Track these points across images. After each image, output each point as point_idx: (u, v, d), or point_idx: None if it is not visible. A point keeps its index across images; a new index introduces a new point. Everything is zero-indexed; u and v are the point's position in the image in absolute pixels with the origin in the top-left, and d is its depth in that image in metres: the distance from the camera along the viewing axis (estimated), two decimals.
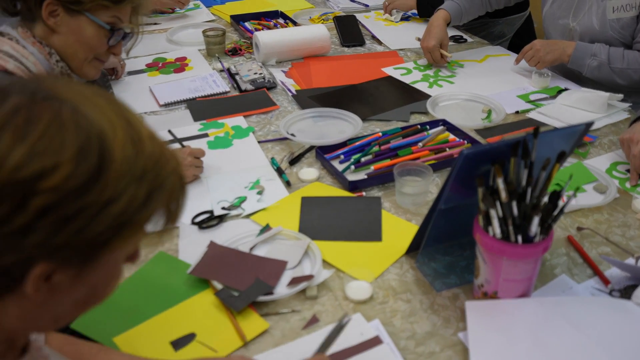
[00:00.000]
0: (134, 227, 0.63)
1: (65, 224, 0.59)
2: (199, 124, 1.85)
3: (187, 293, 1.23)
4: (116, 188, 0.61)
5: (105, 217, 0.60)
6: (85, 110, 0.61)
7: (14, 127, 0.57)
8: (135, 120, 0.66)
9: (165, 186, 0.66)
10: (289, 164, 1.63)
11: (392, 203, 1.48)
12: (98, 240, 0.61)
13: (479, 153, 1.05)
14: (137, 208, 0.63)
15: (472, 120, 1.83)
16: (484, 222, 1.09)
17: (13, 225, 0.57)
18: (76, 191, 0.58)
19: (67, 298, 0.66)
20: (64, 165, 0.58)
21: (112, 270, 0.69)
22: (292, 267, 1.27)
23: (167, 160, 0.67)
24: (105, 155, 0.60)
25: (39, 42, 1.39)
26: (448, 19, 2.20)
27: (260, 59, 2.25)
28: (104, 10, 1.39)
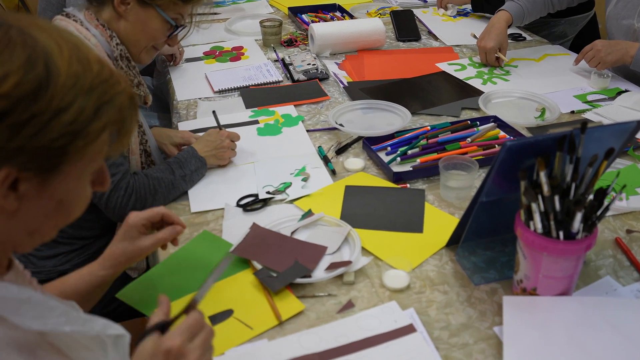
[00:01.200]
0: (87, 137, 0.70)
1: (20, 129, 0.65)
2: (250, 111, 1.89)
3: (227, 271, 1.26)
4: (64, 98, 0.67)
5: (56, 124, 0.67)
6: (32, 32, 0.68)
7: None
8: (85, 46, 0.73)
9: (114, 102, 0.73)
10: (335, 154, 1.65)
11: (436, 196, 1.47)
12: (53, 146, 0.68)
13: (523, 145, 1.04)
14: (87, 119, 0.70)
15: (524, 118, 1.80)
16: (525, 216, 1.07)
17: None
18: (26, 98, 0.65)
19: (36, 211, 0.72)
20: (13, 74, 0.65)
21: (76, 186, 0.75)
22: (331, 253, 1.28)
23: (116, 81, 0.74)
24: (51, 67, 0.67)
25: (102, 25, 1.46)
26: (510, 20, 2.15)
27: (315, 51, 2.28)
28: (173, 6, 1.48)
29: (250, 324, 1.14)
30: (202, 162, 1.52)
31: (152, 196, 1.41)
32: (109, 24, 1.48)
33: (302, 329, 1.11)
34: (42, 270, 1.51)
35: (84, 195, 0.77)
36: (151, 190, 1.40)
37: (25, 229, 0.74)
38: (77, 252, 1.56)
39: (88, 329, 0.79)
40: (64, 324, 0.76)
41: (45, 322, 0.74)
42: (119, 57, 1.47)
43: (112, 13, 1.48)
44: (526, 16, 2.20)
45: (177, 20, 1.52)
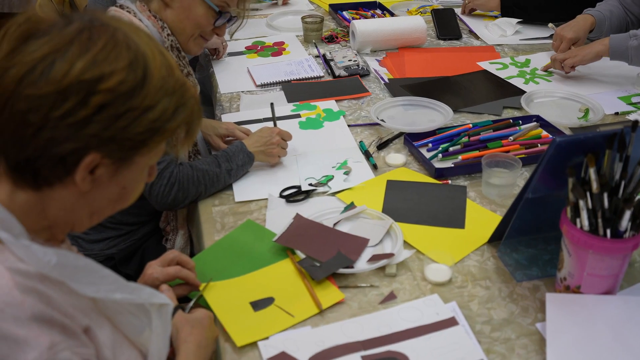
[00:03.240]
0: (163, 134, 0.80)
1: (115, 121, 0.74)
2: (292, 105, 1.91)
3: (270, 259, 1.28)
4: (154, 98, 0.77)
5: (144, 120, 0.77)
6: (133, 37, 0.78)
7: (79, 42, 0.73)
8: (168, 54, 0.83)
9: (188, 105, 0.82)
10: (376, 149, 1.66)
11: (478, 193, 1.47)
12: (137, 139, 0.77)
13: (572, 142, 1.04)
14: (167, 118, 0.79)
15: (567, 119, 1.79)
16: (572, 213, 1.07)
17: (76, 117, 0.72)
18: (125, 95, 0.75)
19: (104, 194, 0.81)
20: (118, 72, 0.74)
21: (140, 175, 0.84)
22: (373, 245, 1.30)
23: (189, 87, 0.84)
24: (147, 70, 0.77)
25: (154, 15, 1.50)
26: (594, 23, 2.12)
27: (356, 47, 2.29)
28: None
29: (291, 311, 1.16)
30: (250, 158, 1.53)
31: (194, 187, 1.42)
32: (158, 13, 1.51)
33: (345, 318, 1.13)
34: (89, 254, 1.55)
35: (141, 184, 0.86)
36: (194, 182, 1.42)
37: (89, 209, 0.82)
38: (123, 238, 1.60)
39: (136, 297, 0.86)
40: (115, 291, 0.83)
41: (98, 289, 0.81)
42: (170, 48, 1.51)
43: (159, 2, 1.51)
44: (606, 25, 2.13)
45: (222, 7, 1.53)
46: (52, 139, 0.72)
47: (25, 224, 0.77)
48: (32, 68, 0.71)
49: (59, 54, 0.72)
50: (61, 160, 0.74)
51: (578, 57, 1.97)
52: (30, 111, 0.71)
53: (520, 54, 2.28)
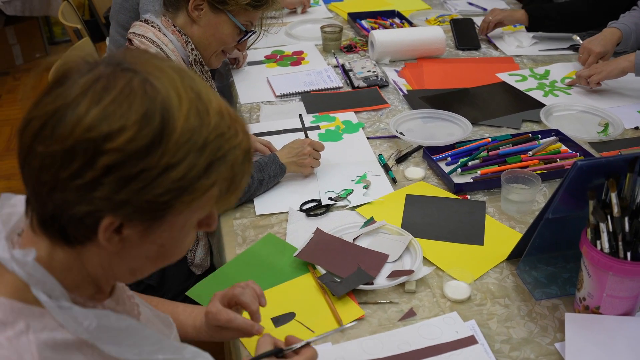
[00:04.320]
0: (194, 193, 0.69)
1: (128, 183, 0.65)
2: (312, 116, 1.93)
3: (290, 274, 1.30)
4: (176, 155, 0.66)
5: (164, 180, 0.66)
6: (154, 81, 0.67)
7: (93, 93, 0.65)
8: (207, 94, 0.71)
9: (228, 159, 0.71)
10: (395, 162, 1.67)
11: (497, 209, 1.48)
12: (159, 201, 0.67)
13: (593, 165, 1.05)
14: (197, 176, 0.68)
15: (587, 133, 1.79)
16: (592, 235, 1.08)
17: (83, 179, 0.65)
18: (138, 153, 0.65)
19: (139, 252, 0.73)
20: (128, 129, 0.64)
21: (180, 233, 0.74)
22: (392, 261, 1.31)
23: (234, 134, 0.72)
24: (167, 122, 0.66)
25: (178, 31, 1.53)
26: (620, 37, 2.12)
27: (375, 57, 2.30)
28: (243, 12, 1.54)
29: (311, 327, 1.18)
30: (282, 169, 1.54)
31: None
32: (183, 28, 1.54)
33: (365, 334, 1.14)
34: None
35: (188, 240, 0.77)
36: None
37: (127, 266, 0.76)
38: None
39: (179, 357, 0.81)
40: (157, 352, 0.78)
41: (140, 351, 0.76)
42: (194, 62, 1.54)
43: (186, 18, 1.55)
44: (633, 38, 2.13)
45: (247, 26, 1.58)
46: (64, 200, 0.66)
47: (67, 281, 0.73)
48: (44, 123, 0.65)
49: (70, 108, 0.65)
50: (80, 221, 0.68)
51: (603, 73, 1.97)
52: (42, 170, 0.66)
53: (540, 65, 2.28)
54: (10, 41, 4.65)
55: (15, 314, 0.69)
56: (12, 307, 0.69)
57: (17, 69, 4.69)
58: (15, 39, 4.66)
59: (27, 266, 0.70)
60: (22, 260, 0.70)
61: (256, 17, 1.58)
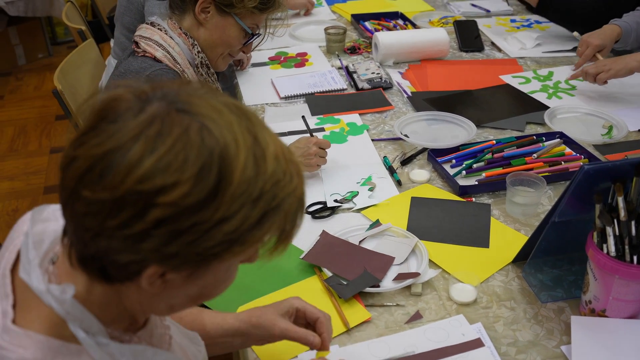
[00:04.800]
0: (244, 244, 0.65)
1: (178, 236, 0.62)
2: (316, 118, 1.93)
3: (296, 277, 1.31)
4: (230, 208, 0.63)
5: (216, 234, 0.63)
6: (213, 127, 0.63)
7: (146, 138, 0.61)
8: (264, 137, 0.67)
9: (282, 208, 0.66)
10: (400, 164, 1.68)
11: (502, 211, 1.49)
12: (207, 253, 0.64)
13: (599, 169, 1.05)
14: (249, 227, 0.64)
15: (591, 135, 1.80)
16: (598, 238, 1.08)
17: (132, 230, 0.61)
18: (191, 208, 0.61)
19: (180, 293, 0.72)
20: (183, 184, 0.60)
21: (224, 275, 0.73)
22: (398, 263, 1.32)
23: (289, 180, 0.67)
24: (224, 176, 0.62)
25: (185, 33, 1.54)
26: (620, 34, 2.12)
27: (379, 59, 2.31)
28: (250, 16, 1.54)
29: None
30: None
31: None
32: (190, 31, 1.55)
33: (371, 337, 1.15)
34: None
35: (229, 279, 0.75)
36: None
37: (166, 304, 0.74)
38: None
39: None
40: None
41: None
42: (200, 65, 1.55)
43: (192, 21, 1.55)
44: (633, 36, 2.14)
45: (253, 29, 1.58)
46: (109, 247, 0.63)
47: (104, 316, 0.72)
48: (91, 166, 0.61)
49: (121, 153, 0.61)
50: (124, 266, 0.65)
51: (612, 71, 1.96)
52: (87, 215, 0.62)
53: (543, 66, 2.29)
54: (12, 41, 4.66)
55: (53, 353, 0.67)
56: (50, 346, 0.67)
57: (20, 69, 4.69)
58: (17, 39, 4.67)
59: (66, 304, 0.68)
60: (60, 298, 0.68)
61: (262, 20, 1.59)
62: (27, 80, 4.54)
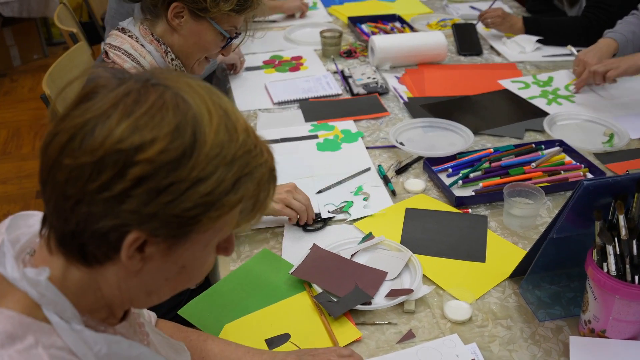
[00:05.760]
0: (221, 209, 0.68)
1: (157, 195, 0.64)
2: (310, 124, 1.89)
3: (286, 292, 1.26)
4: (205, 168, 0.65)
5: (193, 194, 0.65)
6: (186, 96, 0.67)
7: (124, 106, 0.64)
8: (234, 113, 0.71)
9: (255, 176, 0.70)
10: (395, 173, 1.63)
11: (499, 223, 1.44)
12: (186, 215, 0.66)
13: (600, 186, 1.01)
14: (225, 191, 0.67)
15: (591, 143, 1.75)
16: (598, 257, 1.04)
17: (113, 191, 0.63)
18: (169, 165, 0.64)
19: (159, 273, 0.72)
20: (160, 140, 0.63)
21: (201, 254, 0.73)
22: (391, 279, 1.27)
23: (260, 152, 0.71)
24: (198, 136, 0.65)
25: (157, 40, 1.44)
26: (616, 49, 2.07)
27: (375, 63, 2.26)
28: (226, 18, 1.44)
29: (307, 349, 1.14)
30: None
31: None
32: (163, 37, 1.45)
33: (363, 357, 1.10)
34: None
35: (208, 262, 0.76)
36: None
37: (144, 288, 0.74)
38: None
39: None
40: None
41: None
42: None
43: (165, 26, 1.45)
44: (630, 48, 2.09)
45: (231, 31, 1.49)
46: (90, 214, 0.65)
47: (81, 303, 0.71)
48: (72, 136, 0.64)
49: (100, 120, 0.64)
50: (104, 237, 0.66)
51: (620, 69, 1.91)
52: (68, 183, 0.64)
53: (543, 71, 2.24)
54: (7, 42, 4.61)
55: (24, 328, 0.67)
56: (22, 321, 0.67)
57: (15, 70, 4.65)
58: (12, 40, 4.63)
59: (40, 286, 0.68)
60: (35, 280, 0.68)
61: (240, 22, 1.49)
62: (21, 81, 4.50)
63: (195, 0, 1.38)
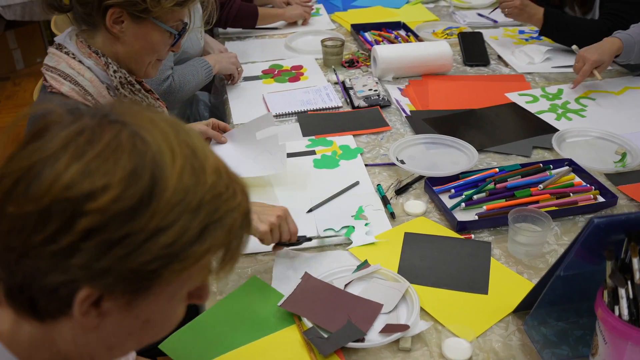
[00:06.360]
0: (185, 261, 0.61)
1: (110, 248, 0.58)
2: (307, 139, 1.81)
3: (274, 326, 1.18)
4: (166, 217, 0.59)
5: (152, 245, 0.59)
6: (145, 134, 0.60)
7: (75, 147, 0.58)
8: (203, 151, 0.64)
9: (225, 222, 0.63)
10: (395, 193, 1.55)
11: (503, 250, 1.36)
12: (145, 270, 0.59)
13: (611, 223, 0.92)
14: (189, 241, 0.60)
15: (602, 163, 1.66)
16: (609, 299, 0.96)
17: (59, 244, 0.57)
18: (123, 215, 0.57)
19: (120, 328, 0.65)
20: (113, 187, 0.57)
21: (167, 307, 0.66)
22: (387, 312, 1.19)
23: (232, 195, 0.64)
24: (157, 181, 0.59)
25: (96, 52, 1.32)
26: (620, 47, 1.99)
27: (377, 74, 2.18)
28: (170, 14, 1.33)
29: None
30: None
31: None
32: (105, 48, 1.33)
33: None
34: None
35: (176, 314, 0.69)
36: None
37: (105, 344, 0.67)
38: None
39: None
40: None
41: None
42: (120, 86, 1.35)
43: (106, 35, 1.32)
44: (636, 49, 2.00)
45: (177, 26, 1.38)
46: (36, 268, 0.58)
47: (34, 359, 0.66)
48: (17, 180, 0.58)
49: (48, 163, 0.57)
50: (53, 292, 0.60)
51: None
52: (12, 233, 0.58)
53: (552, 83, 2.15)
54: (10, 46, 4.57)
55: None
56: None
57: (18, 73, 4.61)
58: (15, 43, 4.58)
59: None
60: None
61: (185, 14, 1.39)
62: (24, 85, 4.45)
63: (133, 2, 1.27)
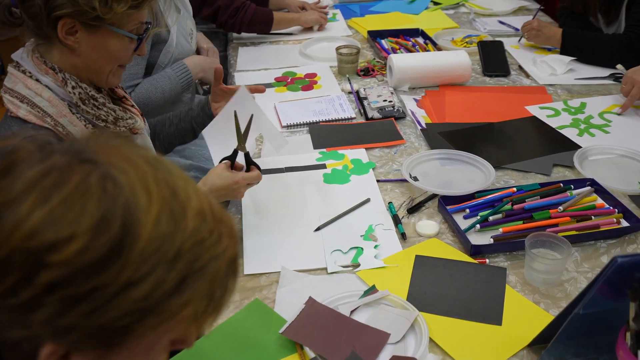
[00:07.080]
0: (161, 315, 0.56)
1: (75, 304, 0.53)
2: (318, 152, 1.75)
3: (275, 354, 1.13)
4: (139, 269, 0.54)
5: (123, 300, 0.53)
6: (118, 176, 0.55)
7: (40, 190, 0.53)
8: (186, 191, 0.58)
9: (207, 271, 0.58)
10: (407, 212, 1.49)
11: (520, 277, 1.29)
12: (115, 325, 0.54)
13: (636, 263, 0.86)
14: (165, 294, 0.55)
15: (626, 183, 1.58)
16: (632, 342, 0.89)
17: (19, 298, 0.52)
18: (90, 268, 0.52)
19: None
20: (78, 238, 0.52)
21: (145, 358, 0.60)
22: (394, 342, 1.13)
23: (217, 240, 0.59)
24: (129, 229, 0.54)
25: (52, 68, 1.25)
26: None
27: (393, 84, 2.12)
28: (127, 18, 1.25)
29: None
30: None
31: None
32: (62, 62, 1.25)
33: None
34: None
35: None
36: None
37: None
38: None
39: None
40: None
41: None
42: (80, 102, 1.27)
43: (61, 49, 1.24)
44: None
45: (138, 29, 1.30)
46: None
47: None
48: None
49: (10, 208, 0.52)
50: (16, 346, 0.55)
51: None
52: None
53: (575, 96, 2.07)
54: None
55: None
56: None
57: None
58: None
59: None
60: None
61: (144, 15, 1.30)
62: None
63: (83, 11, 1.18)
